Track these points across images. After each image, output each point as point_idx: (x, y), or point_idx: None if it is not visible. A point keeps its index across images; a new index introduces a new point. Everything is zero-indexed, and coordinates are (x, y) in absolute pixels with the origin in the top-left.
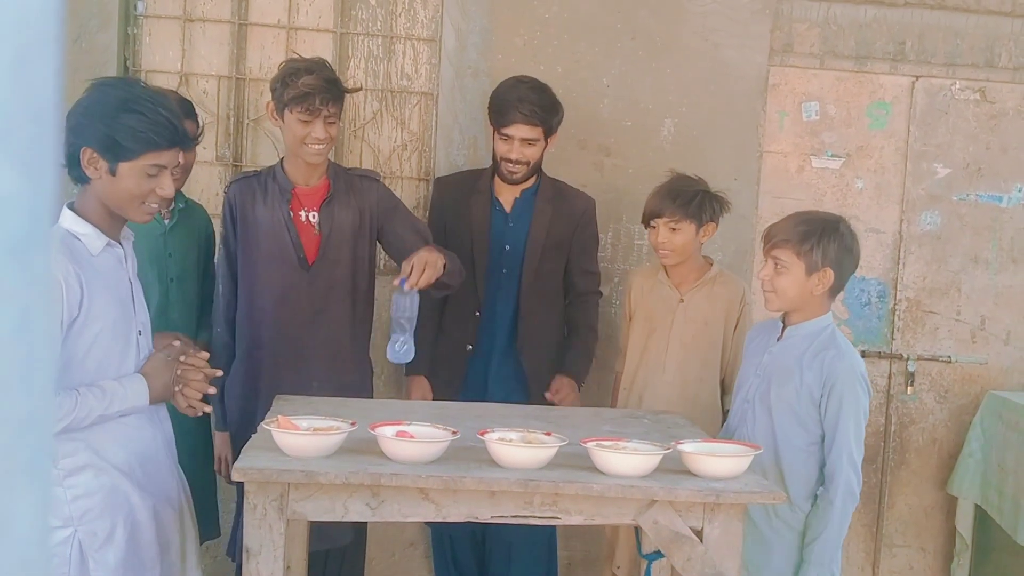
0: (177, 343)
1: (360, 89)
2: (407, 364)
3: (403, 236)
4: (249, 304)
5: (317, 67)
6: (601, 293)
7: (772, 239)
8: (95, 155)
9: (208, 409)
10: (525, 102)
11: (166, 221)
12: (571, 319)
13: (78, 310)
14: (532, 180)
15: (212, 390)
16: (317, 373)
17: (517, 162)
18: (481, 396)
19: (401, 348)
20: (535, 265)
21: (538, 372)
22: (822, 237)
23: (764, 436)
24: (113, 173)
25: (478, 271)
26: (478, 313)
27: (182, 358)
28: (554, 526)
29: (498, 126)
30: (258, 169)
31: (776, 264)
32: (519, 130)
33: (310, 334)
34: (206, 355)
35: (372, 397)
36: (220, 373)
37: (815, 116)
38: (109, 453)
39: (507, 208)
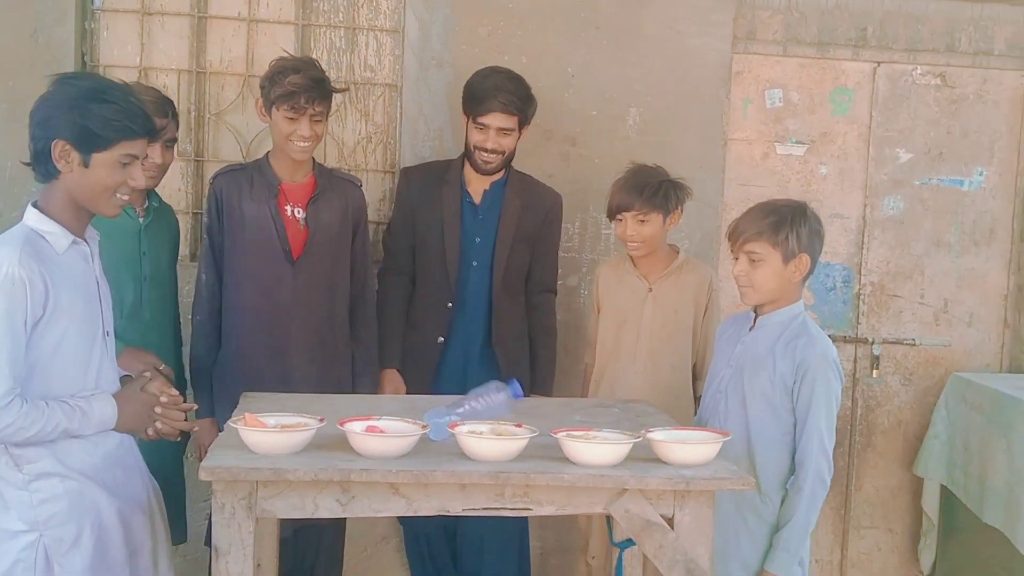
0: (148, 374)
1: (347, 89)
2: (383, 356)
3: (354, 253)
4: (234, 295)
5: (305, 66)
6: (555, 291)
7: (742, 234)
8: (68, 147)
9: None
10: (503, 91)
11: (140, 220)
12: (531, 323)
13: (43, 310)
14: (501, 172)
15: (195, 427)
16: (300, 364)
17: (493, 151)
18: (458, 389)
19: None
20: (505, 258)
21: (512, 365)
22: (794, 224)
23: (737, 426)
24: (86, 165)
25: (449, 263)
26: (450, 304)
27: (162, 399)
28: (526, 517)
29: (474, 115)
30: (243, 163)
31: (751, 258)
32: (496, 119)
33: (293, 326)
34: (180, 397)
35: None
36: (196, 407)
37: (779, 103)
38: (75, 459)
39: (477, 200)
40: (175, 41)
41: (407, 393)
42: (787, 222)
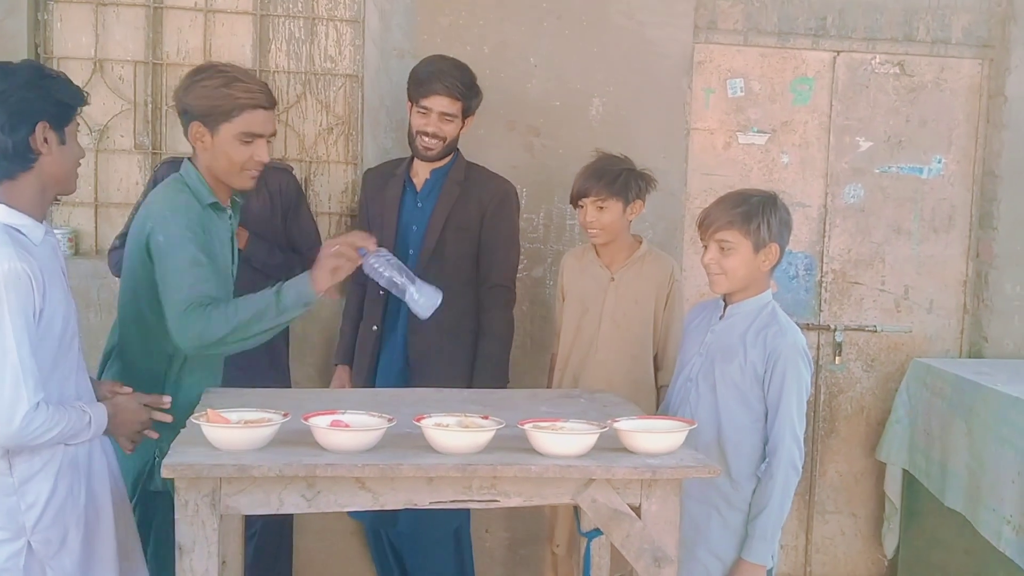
0: (128, 389)
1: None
2: (337, 352)
3: (294, 231)
4: None
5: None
6: (511, 291)
7: (714, 223)
8: (48, 128)
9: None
10: (447, 75)
11: (229, 223)
12: (480, 324)
13: (42, 302)
14: (447, 159)
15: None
16: None
17: (434, 136)
18: (395, 378)
19: (420, 297)
20: (433, 244)
21: (422, 356)
22: (765, 213)
23: (707, 415)
24: (63, 142)
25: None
26: (381, 292)
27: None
28: (465, 513)
29: (417, 98)
30: (188, 156)
31: (722, 247)
32: (438, 102)
33: None
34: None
35: (287, 368)
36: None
37: (740, 92)
38: (61, 458)
39: (418, 188)
40: (131, 32)
41: (355, 382)
42: (758, 212)
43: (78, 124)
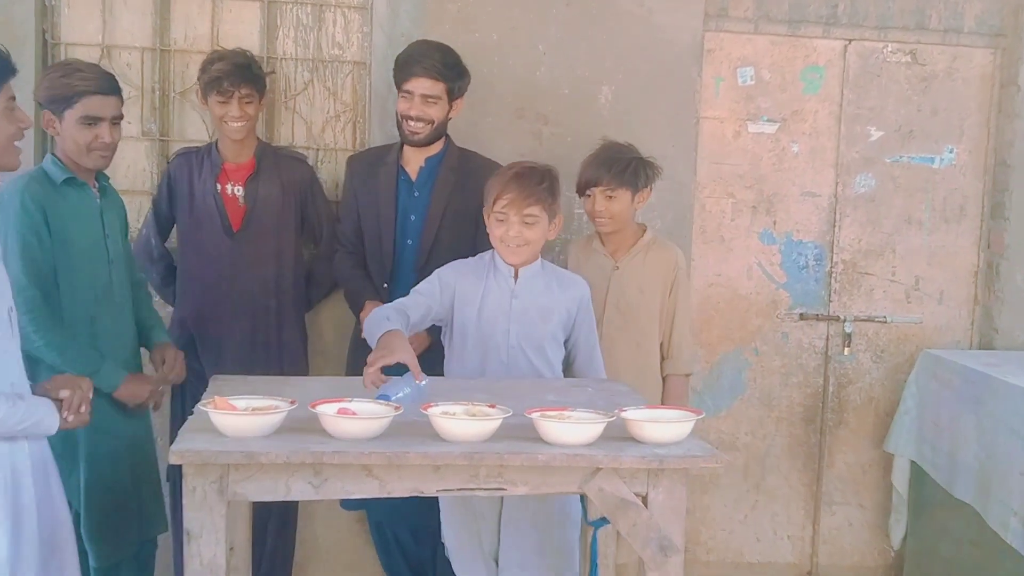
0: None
1: (272, 72)
2: (357, 301)
3: (312, 219)
4: (185, 264)
5: (230, 55)
6: None
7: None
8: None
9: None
10: (427, 57)
11: (98, 200)
12: None
13: None
14: (438, 146)
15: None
16: (241, 325)
17: (418, 119)
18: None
19: (418, 396)
20: (433, 235)
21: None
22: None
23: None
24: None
25: (384, 242)
26: (386, 285)
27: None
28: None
29: (400, 83)
30: (199, 145)
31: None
32: (419, 84)
33: (236, 292)
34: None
35: (306, 359)
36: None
37: (750, 81)
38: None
39: (412, 177)
40: (138, 18)
41: (353, 374)
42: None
43: (10, 97)
